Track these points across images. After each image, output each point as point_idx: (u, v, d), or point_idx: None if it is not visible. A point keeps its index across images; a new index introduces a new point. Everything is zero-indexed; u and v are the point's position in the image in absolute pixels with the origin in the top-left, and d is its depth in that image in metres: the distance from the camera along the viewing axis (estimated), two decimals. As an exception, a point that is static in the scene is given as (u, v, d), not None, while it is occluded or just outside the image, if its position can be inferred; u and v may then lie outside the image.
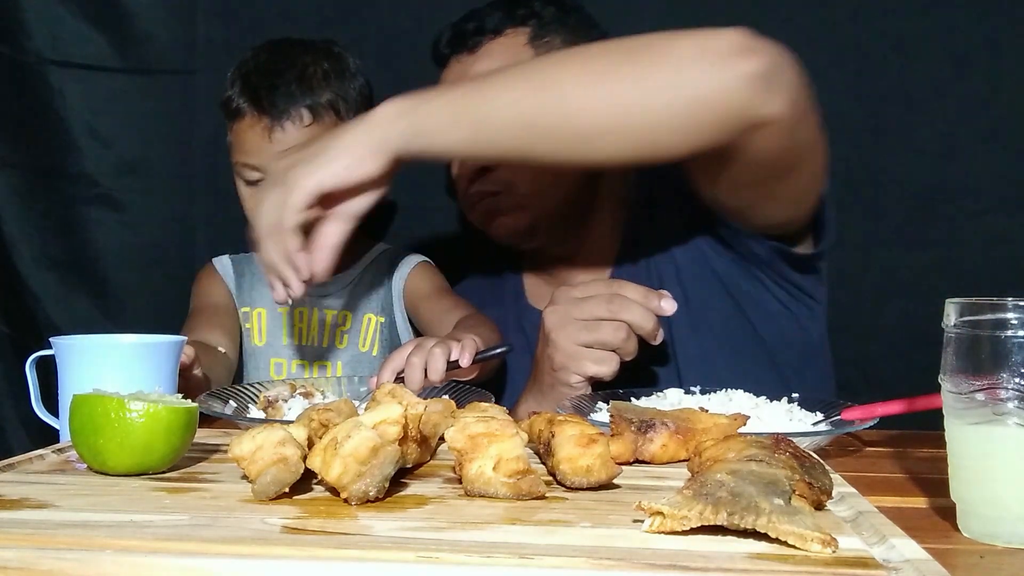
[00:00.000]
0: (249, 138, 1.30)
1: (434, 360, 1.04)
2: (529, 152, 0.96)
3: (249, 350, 1.41)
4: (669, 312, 1.03)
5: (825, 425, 0.92)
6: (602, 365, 1.03)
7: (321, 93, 1.31)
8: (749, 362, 1.19)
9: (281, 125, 1.29)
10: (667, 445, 0.77)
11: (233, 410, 1.01)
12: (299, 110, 1.29)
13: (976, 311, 0.61)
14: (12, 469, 0.72)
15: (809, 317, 1.22)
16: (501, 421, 0.68)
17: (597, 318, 1.03)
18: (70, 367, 0.92)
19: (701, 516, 0.54)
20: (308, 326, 1.40)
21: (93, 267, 1.54)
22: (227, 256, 1.46)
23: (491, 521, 0.59)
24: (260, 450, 0.64)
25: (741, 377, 1.05)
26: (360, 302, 1.40)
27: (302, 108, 1.29)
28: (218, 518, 0.59)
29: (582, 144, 0.94)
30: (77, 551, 0.52)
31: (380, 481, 0.62)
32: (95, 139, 1.52)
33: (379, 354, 1.39)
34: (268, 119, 1.29)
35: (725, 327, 1.21)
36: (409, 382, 1.03)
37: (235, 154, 1.32)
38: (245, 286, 1.43)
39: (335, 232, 1.01)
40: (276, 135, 1.29)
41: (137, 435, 0.69)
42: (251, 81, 1.31)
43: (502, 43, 1.23)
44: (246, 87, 1.31)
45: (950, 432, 0.63)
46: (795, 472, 0.61)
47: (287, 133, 1.29)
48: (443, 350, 1.05)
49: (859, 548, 0.54)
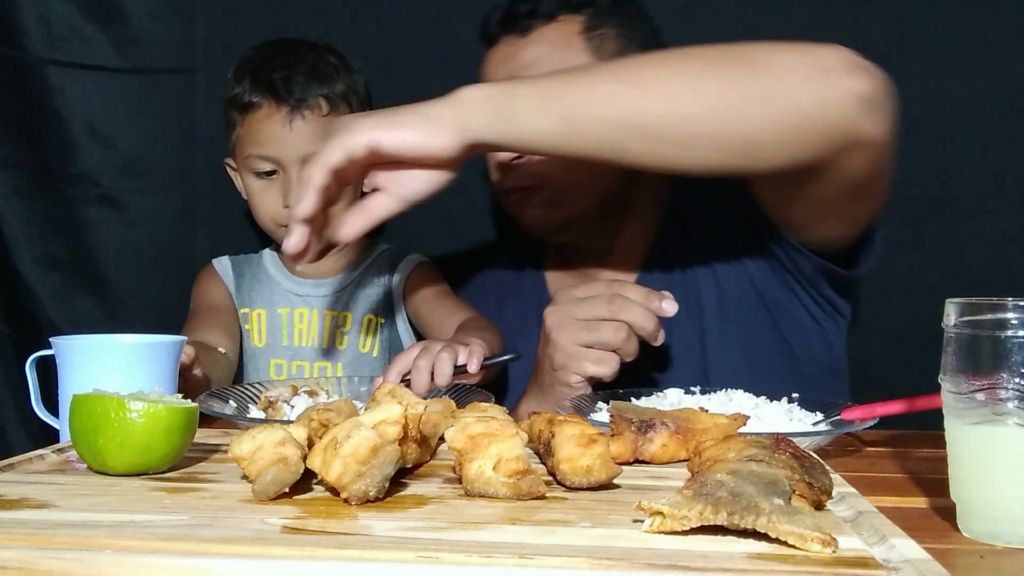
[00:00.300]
0: (266, 128, 1.31)
1: (441, 364, 1.04)
2: (619, 152, 0.92)
3: (249, 351, 1.41)
4: (670, 313, 1.03)
5: (825, 425, 0.92)
6: (602, 365, 1.03)
7: (335, 84, 1.33)
8: (778, 374, 1.18)
9: (300, 113, 1.30)
10: (667, 445, 0.77)
11: (233, 410, 1.01)
12: (317, 99, 1.31)
13: (976, 311, 0.61)
14: (12, 469, 0.72)
15: (836, 333, 1.22)
16: (501, 421, 0.68)
17: (598, 318, 1.02)
18: (70, 367, 0.92)
19: (701, 516, 0.54)
20: (308, 327, 1.40)
21: (93, 267, 1.54)
22: (226, 257, 1.47)
23: (491, 521, 0.59)
24: (260, 450, 0.64)
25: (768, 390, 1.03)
26: (360, 303, 1.40)
27: (319, 97, 1.31)
28: (218, 518, 0.59)
29: (676, 148, 0.90)
30: (77, 551, 0.52)
31: (380, 481, 0.62)
32: (95, 139, 1.52)
33: (379, 355, 1.39)
34: (287, 108, 1.30)
35: (757, 336, 1.19)
36: (415, 385, 1.03)
37: (247, 147, 1.32)
38: (244, 287, 1.43)
39: (383, 206, 0.97)
40: (296, 123, 1.30)
41: (137, 435, 0.69)
42: (263, 74, 1.32)
43: (555, 29, 1.21)
44: (258, 80, 1.32)
45: (950, 432, 0.63)
46: (795, 472, 0.61)
47: (307, 122, 1.30)
48: (450, 354, 1.04)
49: (859, 548, 0.54)
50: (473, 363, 1.04)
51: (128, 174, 1.54)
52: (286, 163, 1.30)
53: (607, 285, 1.05)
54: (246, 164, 1.33)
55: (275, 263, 1.45)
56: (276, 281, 1.43)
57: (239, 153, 1.35)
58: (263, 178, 1.33)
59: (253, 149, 1.32)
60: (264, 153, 1.31)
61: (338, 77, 1.34)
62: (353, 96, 1.36)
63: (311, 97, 1.31)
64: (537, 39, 1.20)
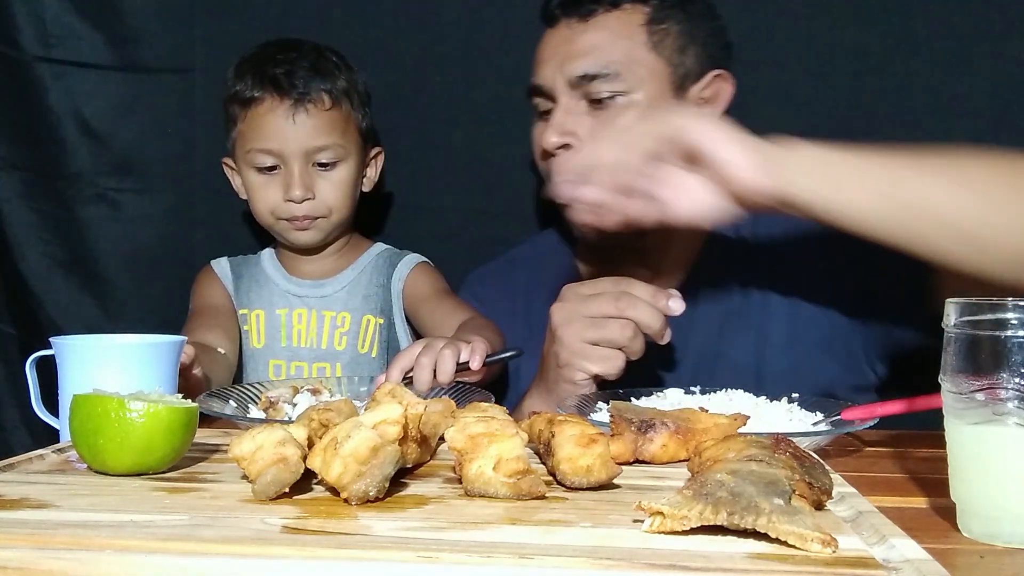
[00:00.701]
0: (269, 121, 1.31)
1: (443, 361, 1.03)
2: (919, 242, 0.88)
3: (248, 352, 1.41)
4: (677, 312, 1.02)
5: (825, 425, 0.92)
6: (607, 363, 1.03)
7: (336, 79, 1.34)
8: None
9: (304, 107, 1.31)
10: (667, 445, 0.77)
11: (233, 410, 1.01)
12: (319, 94, 1.32)
13: (976, 311, 0.61)
14: (12, 469, 0.72)
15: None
16: (501, 421, 0.68)
17: (604, 315, 1.02)
18: (70, 367, 0.92)
19: (701, 516, 0.54)
20: (306, 328, 1.40)
21: (93, 267, 1.54)
22: (225, 258, 1.47)
23: (491, 521, 0.59)
24: (260, 450, 0.64)
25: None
26: (359, 303, 1.40)
27: (322, 92, 1.32)
28: (218, 518, 0.59)
29: (975, 253, 0.87)
30: (77, 551, 0.52)
31: (380, 481, 0.62)
32: (93, 138, 1.52)
33: (378, 355, 1.39)
34: (290, 101, 1.31)
35: (814, 380, 1.15)
36: (418, 382, 1.03)
37: (249, 142, 1.33)
38: (243, 288, 1.43)
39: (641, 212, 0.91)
40: (299, 116, 1.31)
41: (137, 435, 0.69)
42: (265, 69, 1.32)
43: (618, 17, 1.18)
44: (260, 75, 1.32)
45: (950, 432, 0.63)
46: (795, 472, 0.61)
47: (310, 115, 1.31)
48: (453, 351, 1.04)
49: (859, 548, 0.54)
50: (476, 359, 1.04)
51: (126, 174, 1.54)
52: (288, 156, 1.31)
53: (614, 283, 1.04)
54: (247, 159, 1.33)
55: (274, 264, 1.45)
56: (274, 282, 1.43)
57: (240, 148, 1.35)
58: (264, 173, 1.33)
59: (255, 143, 1.32)
60: (266, 147, 1.31)
61: (339, 73, 1.35)
62: (354, 93, 1.36)
63: (314, 91, 1.31)
64: (599, 25, 1.18)
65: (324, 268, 1.42)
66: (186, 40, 1.52)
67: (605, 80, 1.15)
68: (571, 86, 1.16)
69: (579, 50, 1.17)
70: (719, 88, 1.21)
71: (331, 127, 1.33)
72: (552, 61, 1.18)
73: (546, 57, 1.20)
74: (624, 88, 1.15)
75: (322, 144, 1.32)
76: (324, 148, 1.32)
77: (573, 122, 1.16)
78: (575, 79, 1.16)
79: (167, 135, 1.53)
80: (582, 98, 1.16)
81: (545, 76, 1.19)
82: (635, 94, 1.15)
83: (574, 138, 1.16)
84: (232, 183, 1.41)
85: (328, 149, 1.32)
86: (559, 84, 1.17)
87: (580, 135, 1.15)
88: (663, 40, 1.17)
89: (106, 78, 1.52)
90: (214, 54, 1.50)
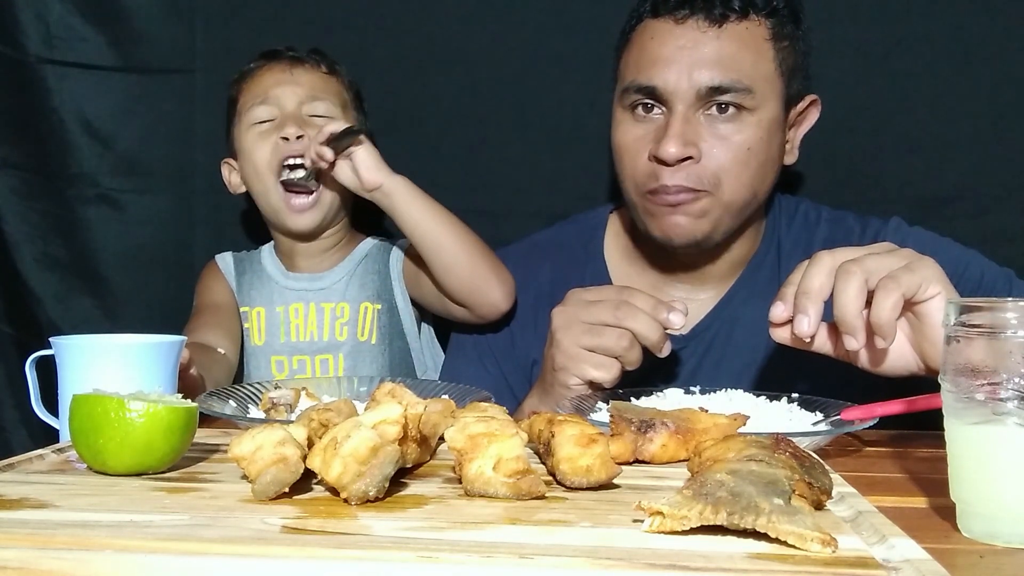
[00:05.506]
0: (267, 77, 1.35)
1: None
2: None
3: (249, 350, 1.41)
4: (676, 325, 1.02)
5: (825, 425, 0.92)
6: (601, 370, 1.03)
7: (335, 65, 1.40)
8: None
9: (302, 63, 1.36)
10: (667, 445, 0.77)
11: (233, 410, 1.01)
12: (317, 60, 1.37)
13: (976, 311, 0.61)
14: (12, 469, 0.72)
15: None
16: (501, 421, 0.68)
17: (602, 323, 1.02)
18: (70, 367, 0.92)
19: (701, 516, 0.54)
20: (304, 322, 1.40)
21: (93, 267, 1.54)
22: (229, 253, 1.47)
23: (491, 521, 0.59)
24: (260, 450, 0.64)
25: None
26: (356, 293, 1.41)
27: (320, 61, 1.38)
28: (218, 518, 0.59)
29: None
30: (77, 551, 0.52)
31: (380, 481, 0.62)
32: (94, 138, 1.52)
33: (378, 342, 1.39)
34: (287, 60, 1.36)
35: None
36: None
37: (247, 101, 1.35)
38: (245, 285, 1.43)
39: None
40: (297, 70, 1.35)
41: (137, 435, 0.69)
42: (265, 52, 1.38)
43: (747, 29, 1.11)
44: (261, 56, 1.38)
45: (950, 432, 0.63)
46: (795, 472, 0.61)
47: (307, 70, 1.36)
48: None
49: (859, 548, 0.54)
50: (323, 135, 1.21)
51: (127, 174, 1.54)
52: (285, 104, 1.33)
53: (617, 291, 1.04)
54: (246, 120, 1.34)
55: (272, 260, 1.45)
56: (274, 279, 1.43)
57: (239, 125, 1.36)
58: (260, 125, 1.34)
59: (254, 100, 1.34)
60: (264, 99, 1.34)
61: (338, 67, 1.40)
62: (352, 89, 1.40)
63: (311, 59, 1.37)
64: (732, 35, 1.11)
65: (322, 263, 1.42)
66: (187, 41, 1.52)
67: (736, 94, 1.10)
68: (698, 96, 1.10)
69: (713, 58, 1.10)
70: (808, 114, 1.20)
71: (326, 89, 1.36)
72: (679, 64, 1.10)
73: (670, 57, 1.11)
74: (752, 105, 1.11)
75: (318, 95, 1.34)
76: (319, 99, 1.34)
77: (694, 132, 1.11)
78: (706, 89, 1.10)
79: (169, 135, 1.54)
80: (701, 108, 1.11)
81: (667, 79, 1.11)
82: (760, 112, 1.12)
83: (695, 149, 1.10)
84: (228, 185, 1.41)
85: (323, 101, 1.34)
86: (683, 90, 1.10)
87: (701, 148, 1.11)
88: (785, 58, 1.14)
89: (108, 79, 1.52)
90: (215, 55, 1.51)
